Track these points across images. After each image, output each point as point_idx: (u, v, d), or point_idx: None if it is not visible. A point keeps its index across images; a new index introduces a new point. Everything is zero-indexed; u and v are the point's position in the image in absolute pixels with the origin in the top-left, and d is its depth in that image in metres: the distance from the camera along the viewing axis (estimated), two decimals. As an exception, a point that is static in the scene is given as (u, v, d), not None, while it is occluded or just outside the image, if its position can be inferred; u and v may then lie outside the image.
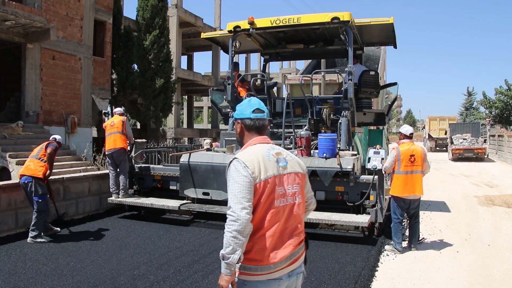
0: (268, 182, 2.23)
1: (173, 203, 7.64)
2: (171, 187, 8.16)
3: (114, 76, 18.40)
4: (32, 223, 6.35)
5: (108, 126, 8.32)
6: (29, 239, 6.29)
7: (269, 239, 2.21)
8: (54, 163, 9.98)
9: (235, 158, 2.32)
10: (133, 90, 19.35)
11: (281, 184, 2.29)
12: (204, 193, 7.53)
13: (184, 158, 7.79)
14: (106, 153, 8.26)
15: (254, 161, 2.26)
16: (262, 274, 2.20)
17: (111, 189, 8.24)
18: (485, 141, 27.98)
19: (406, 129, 6.50)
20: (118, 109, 8.88)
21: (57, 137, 7.17)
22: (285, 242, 2.27)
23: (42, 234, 6.44)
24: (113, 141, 8.10)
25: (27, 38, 12.34)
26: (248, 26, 8.25)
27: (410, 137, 6.41)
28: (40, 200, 6.37)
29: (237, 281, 2.23)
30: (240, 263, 2.20)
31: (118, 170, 8.16)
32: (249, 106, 2.43)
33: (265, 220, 2.22)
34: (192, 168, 7.61)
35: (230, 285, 2.18)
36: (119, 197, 8.18)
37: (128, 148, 8.39)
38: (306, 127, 7.93)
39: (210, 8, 31.59)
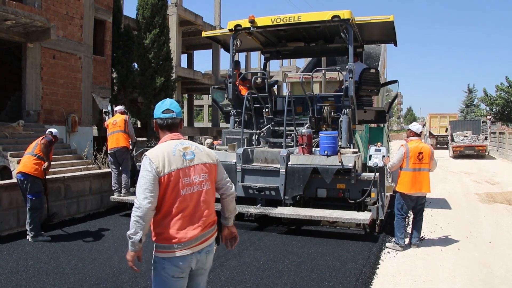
0: (172, 175, 2.59)
1: None
2: None
3: (114, 75, 18.40)
4: (28, 222, 6.28)
5: (110, 125, 8.34)
6: (30, 239, 6.26)
7: (179, 221, 2.59)
8: (55, 162, 10.00)
9: (145, 154, 2.65)
10: (133, 89, 19.34)
11: (187, 175, 2.65)
12: None
13: None
14: (109, 151, 8.30)
15: (160, 157, 2.60)
16: (175, 251, 2.57)
17: (113, 188, 8.28)
18: (486, 138, 27.94)
19: (417, 127, 6.50)
20: (119, 107, 8.90)
21: (53, 130, 7.04)
22: (195, 224, 2.64)
23: (41, 232, 6.39)
24: (116, 140, 8.14)
25: (28, 38, 12.34)
26: (249, 25, 8.27)
27: (419, 135, 6.44)
28: (33, 198, 6.30)
29: (154, 258, 2.63)
30: (156, 243, 2.61)
31: (120, 168, 8.19)
32: (160, 107, 2.81)
33: (174, 206, 2.59)
34: None
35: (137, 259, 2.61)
36: (121, 196, 8.23)
37: (130, 146, 8.41)
38: (307, 125, 7.95)
39: (210, 6, 31.53)
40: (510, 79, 30.01)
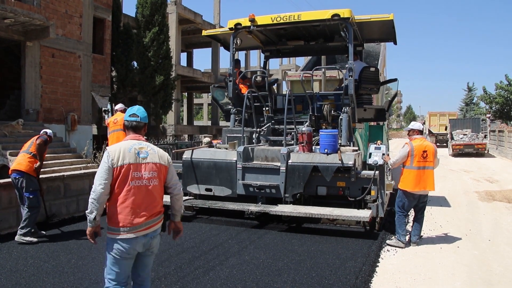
0: (123, 167, 3.10)
1: None
2: None
3: (113, 73, 18.38)
4: (23, 219, 6.18)
5: (111, 123, 8.38)
6: (17, 237, 6.11)
7: (127, 209, 3.09)
8: (55, 161, 10.00)
9: (106, 148, 3.23)
10: (132, 87, 19.32)
11: (137, 170, 3.15)
12: (206, 189, 7.59)
13: (186, 155, 7.83)
14: None
15: (116, 152, 3.14)
16: (120, 234, 3.07)
17: None
18: (485, 136, 27.93)
19: (418, 124, 6.54)
20: (119, 106, 8.92)
21: (48, 131, 7.00)
22: (141, 213, 3.12)
23: (32, 232, 6.24)
24: (117, 139, 8.20)
25: (27, 36, 12.32)
26: (249, 24, 8.27)
27: (422, 132, 6.46)
28: (31, 196, 6.24)
29: (106, 238, 3.13)
30: (107, 225, 3.11)
31: None
32: (129, 112, 3.37)
33: (122, 195, 3.09)
34: (195, 165, 7.67)
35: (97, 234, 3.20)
36: None
37: None
38: (307, 123, 7.95)
39: (210, 5, 31.50)
40: (510, 77, 30.01)
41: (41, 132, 7.01)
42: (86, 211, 3.13)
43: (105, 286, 3.18)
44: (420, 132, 6.44)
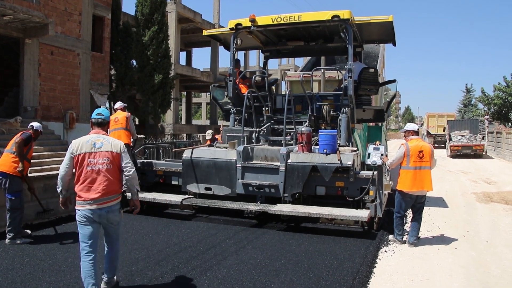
0: (80, 155, 4.10)
1: (175, 198, 7.68)
2: (173, 182, 8.18)
3: (112, 71, 18.33)
4: (7, 223, 6.00)
5: (112, 121, 8.35)
6: (7, 241, 5.98)
7: (85, 187, 4.07)
8: (53, 159, 9.95)
9: (71, 141, 4.24)
10: (131, 86, 19.28)
11: (92, 157, 4.11)
12: (206, 188, 7.63)
13: (186, 154, 7.86)
14: None
15: (76, 144, 4.17)
16: (82, 206, 4.06)
17: None
18: (483, 138, 28.00)
19: (413, 125, 6.60)
20: (119, 104, 8.91)
21: (35, 124, 6.66)
22: (95, 190, 4.06)
23: (20, 233, 6.13)
24: (117, 137, 8.12)
25: (26, 33, 12.27)
26: (249, 24, 8.31)
27: (418, 133, 6.52)
28: (13, 198, 6.02)
29: (76, 209, 4.10)
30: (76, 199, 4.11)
31: None
32: (95, 112, 4.41)
33: (82, 177, 4.09)
34: (195, 164, 7.71)
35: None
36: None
37: (131, 143, 8.45)
38: (306, 123, 7.98)
39: (209, 4, 31.40)
40: (508, 79, 30.00)
41: (28, 126, 6.70)
42: (56, 186, 4.28)
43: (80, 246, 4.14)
44: (416, 132, 6.48)
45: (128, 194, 4.57)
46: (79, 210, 4.05)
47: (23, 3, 11.77)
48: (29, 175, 7.50)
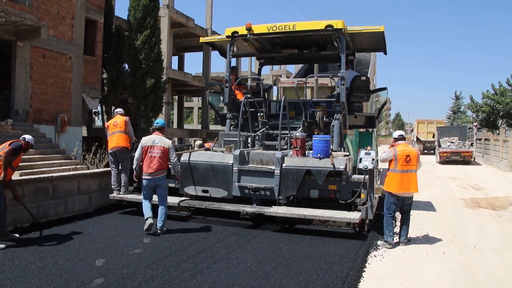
0: (147, 146, 6.99)
1: (172, 200, 7.78)
2: (169, 185, 8.27)
3: (104, 75, 18.26)
4: None
5: (111, 125, 8.68)
6: None
7: (146, 164, 6.95)
8: (43, 162, 9.90)
9: (142, 138, 7.28)
10: (123, 90, 19.20)
11: (152, 148, 6.96)
12: (203, 191, 7.87)
13: (184, 157, 8.08)
14: (109, 151, 8.58)
15: (145, 140, 7.10)
16: (144, 176, 6.96)
17: (112, 186, 8.55)
18: (472, 144, 28.35)
19: (399, 132, 6.93)
20: (119, 110, 9.37)
21: (27, 137, 6.75)
22: (151, 167, 6.90)
23: (5, 235, 6.12)
24: (116, 140, 8.46)
25: (18, 36, 12.21)
26: (245, 32, 8.54)
27: (404, 138, 6.79)
28: None
29: (142, 178, 7.08)
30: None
31: (120, 167, 8.52)
32: (155, 122, 7.54)
33: (145, 159, 6.97)
34: (192, 167, 7.95)
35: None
36: (120, 194, 8.45)
37: (130, 147, 8.68)
38: (300, 129, 8.17)
39: (202, 9, 31.46)
40: (496, 86, 30.44)
41: (20, 138, 6.73)
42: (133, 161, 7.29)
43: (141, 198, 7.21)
44: (403, 138, 6.78)
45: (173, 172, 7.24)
46: (142, 178, 6.94)
47: (15, 6, 11.73)
48: (20, 177, 7.50)
